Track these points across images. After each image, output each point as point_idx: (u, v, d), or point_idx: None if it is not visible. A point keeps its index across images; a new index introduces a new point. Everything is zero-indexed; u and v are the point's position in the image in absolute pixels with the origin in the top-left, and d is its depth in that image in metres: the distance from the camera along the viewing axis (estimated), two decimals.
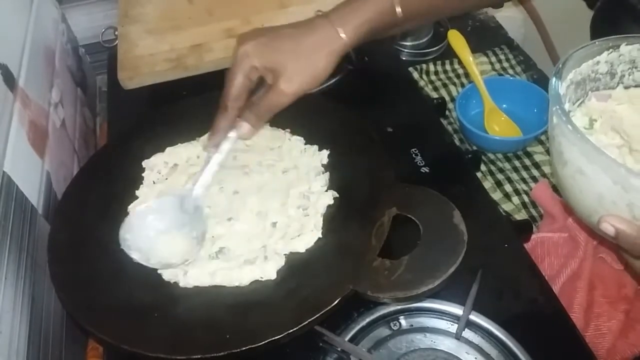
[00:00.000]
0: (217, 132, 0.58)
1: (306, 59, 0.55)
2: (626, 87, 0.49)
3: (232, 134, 0.57)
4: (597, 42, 0.46)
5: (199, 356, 0.46)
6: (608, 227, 0.39)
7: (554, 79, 0.43)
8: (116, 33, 0.82)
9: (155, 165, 0.64)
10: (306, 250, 0.54)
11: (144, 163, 0.64)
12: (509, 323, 0.51)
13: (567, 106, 0.46)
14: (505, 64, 0.89)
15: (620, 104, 0.47)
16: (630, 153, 0.43)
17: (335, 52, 0.55)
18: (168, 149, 0.65)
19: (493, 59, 0.90)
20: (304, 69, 0.55)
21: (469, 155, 0.74)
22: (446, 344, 0.50)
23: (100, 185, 0.62)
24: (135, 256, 0.52)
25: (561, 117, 0.40)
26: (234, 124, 0.57)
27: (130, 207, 0.59)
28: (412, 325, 0.52)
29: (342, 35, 0.54)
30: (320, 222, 0.56)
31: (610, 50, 0.47)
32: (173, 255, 0.53)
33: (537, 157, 0.76)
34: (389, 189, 0.56)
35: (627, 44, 0.47)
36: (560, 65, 0.44)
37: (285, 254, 0.54)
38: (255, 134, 0.58)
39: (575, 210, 0.44)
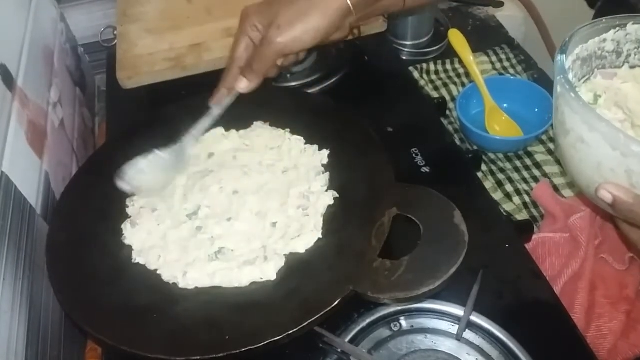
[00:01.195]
0: (219, 90, 0.60)
1: (299, 11, 0.53)
2: (632, 67, 0.49)
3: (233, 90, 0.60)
4: (604, 20, 0.46)
5: (198, 357, 0.46)
6: (605, 195, 0.40)
7: (559, 54, 0.43)
8: (115, 32, 0.82)
9: None
10: (306, 250, 0.54)
11: None
12: (510, 324, 0.50)
13: (572, 80, 0.46)
14: (506, 64, 0.89)
15: (626, 82, 0.48)
16: (632, 128, 0.44)
17: (333, 11, 0.53)
18: None
19: (494, 58, 0.90)
20: (296, 20, 0.53)
21: (470, 155, 0.74)
22: (447, 345, 0.50)
23: (99, 185, 0.62)
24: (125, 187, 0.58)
25: (565, 86, 0.40)
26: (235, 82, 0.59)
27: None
28: (412, 326, 0.52)
29: None
30: (320, 222, 0.56)
31: (617, 28, 0.47)
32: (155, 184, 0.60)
33: (538, 157, 0.75)
34: (389, 189, 0.56)
35: (634, 23, 0.47)
36: (567, 39, 0.44)
37: (285, 255, 0.54)
38: (253, 88, 0.59)
39: (575, 182, 0.45)
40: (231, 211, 0.57)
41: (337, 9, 0.53)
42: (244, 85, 0.58)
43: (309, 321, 0.47)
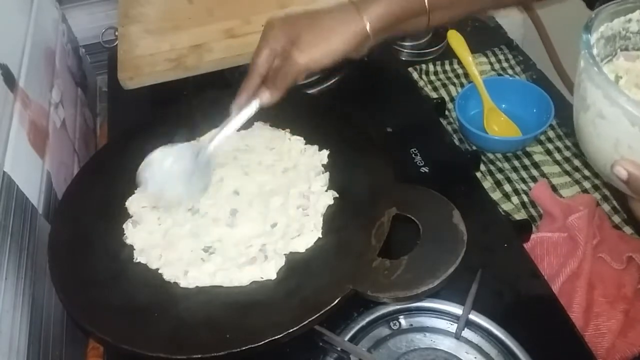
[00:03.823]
0: (239, 95, 0.60)
1: (321, 33, 0.56)
2: None
3: (254, 102, 0.59)
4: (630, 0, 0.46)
5: (199, 356, 0.46)
6: (621, 171, 0.39)
7: (584, 31, 0.43)
8: (116, 33, 0.82)
9: None
10: (306, 250, 0.54)
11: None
12: (508, 323, 0.51)
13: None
14: (505, 64, 0.90)
15: None
16: None
17: (353, 33, 0.55)
18: None
19: (492, 59, 0.90)
20: (317, 41, 0.55)
21: (469, 155, 0.74)
22: (446, 344, 0.51)
23: (101, 185, 0.62)
24: (151, 189, 0.57)
25: (589, 61, 0.40)
26: (256, 92, 0.59)
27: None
28: (411, 325, 0.52)
29: (364, 17, 0.55)
30: (320, 222, 0.56)
31: None
32: (180, 197, 0.58)
33: (537, 157, 0.76)
34: (388, 189, 0.56)
35: None
36: (593, 16, 0.44)
37: (285, 254, 0.54)
38: (274, 102, 0.58)
39: (590, 159, 0.45)
40: (232, 210, 0.58)
41: (357, 34, 0.55)
42: (265, 97, 0.58)
43: (309, 320, 0.47)
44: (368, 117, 0.65)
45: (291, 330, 0.47)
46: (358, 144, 0.62)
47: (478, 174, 0.73)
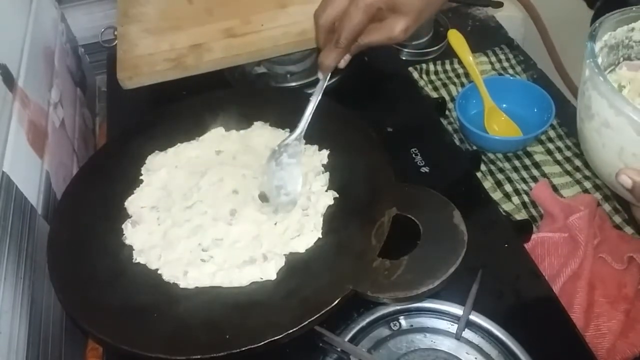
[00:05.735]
0: (326, 69, 0.59)
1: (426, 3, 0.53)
2: None
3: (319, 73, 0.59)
4: (634, 9, 0.46)
5: (198, 356, 0.46)
6: (625, 179, 0.40)
7: (589, 40, 0.43)
8: (115, 33, 0.82)
9: (154, 166, 0.64)
10: (306, 250, 0.54)
11: (147, 160, 0.64)
12: (509, 323, 0.51)
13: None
14: (505, 64, 0.89)
15: None
16: None
17: None
18: (169, 150, 0.65)
19: (493, 58, 0.90)
20: (420, 11, 0.53)
21: (469, 155, 0.74)
22: (446, 344, 0.50)
23: (100, 185, 0.62)
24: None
25: (594, 70, 0.40)
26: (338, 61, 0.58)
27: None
28: (412, 326, 0.52)
29: None
30: (320, 222, 0.56)
31: None
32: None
33: (537, 157, 0.76)
34: (389, 189, 0.56)
35: None
36: (597, 25, 0.44)
37: (285, 254, 0.54)
38: (338, 60, 0.58)
39: (595, 168, 0.45)
40: (231, 211, 0.57)
41: None
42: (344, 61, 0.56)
43: (309, 320, 0.47)
44: (368, 117, 0.65)
45: (291, 330, 0.46)
46: (358, 144, 0.62)
47: (478, 174, 0.73)
